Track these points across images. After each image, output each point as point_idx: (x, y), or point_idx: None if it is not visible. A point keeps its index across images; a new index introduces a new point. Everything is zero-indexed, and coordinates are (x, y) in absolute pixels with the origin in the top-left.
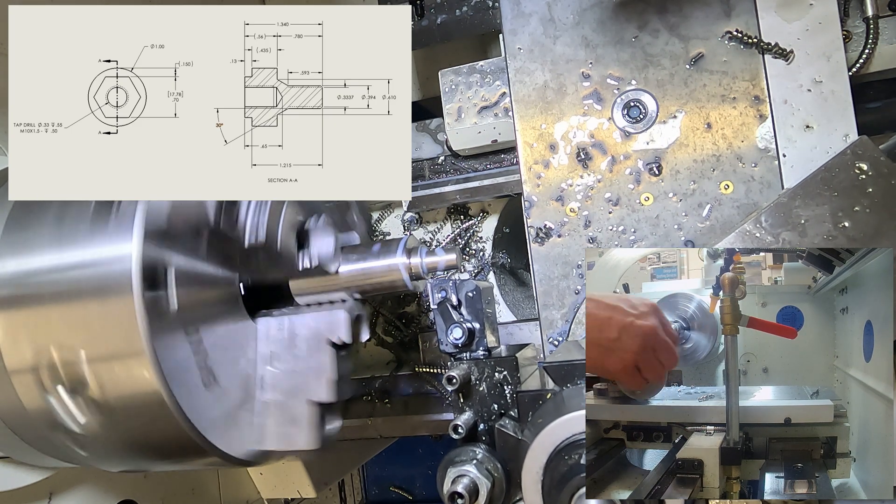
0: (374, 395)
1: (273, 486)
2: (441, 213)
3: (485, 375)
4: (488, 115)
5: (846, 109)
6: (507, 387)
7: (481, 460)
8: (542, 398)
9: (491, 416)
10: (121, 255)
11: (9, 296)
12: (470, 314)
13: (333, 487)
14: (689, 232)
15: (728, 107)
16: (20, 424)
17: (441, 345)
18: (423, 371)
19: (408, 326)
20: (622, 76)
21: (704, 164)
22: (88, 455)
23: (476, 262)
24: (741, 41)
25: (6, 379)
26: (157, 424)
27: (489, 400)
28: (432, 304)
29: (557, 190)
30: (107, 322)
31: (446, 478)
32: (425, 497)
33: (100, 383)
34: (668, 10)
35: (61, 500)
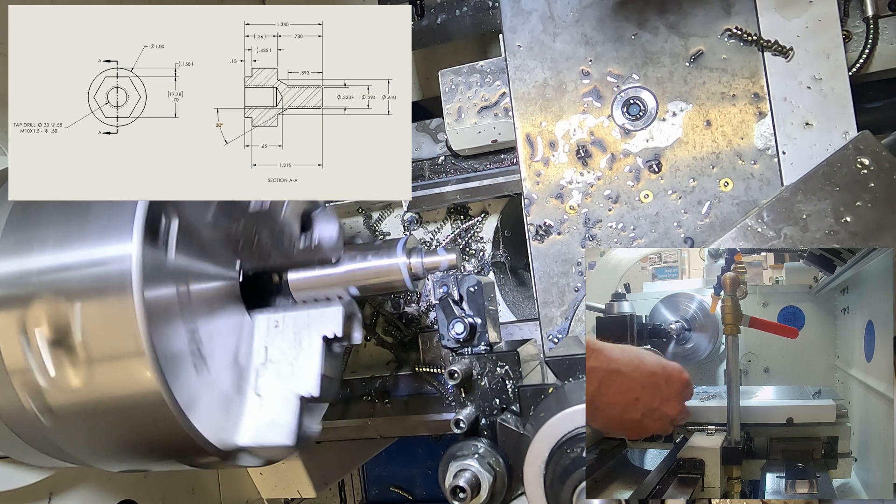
0: (374, 395)
1: (273, 486)
2: (441, 213)
3: (486, 370)
4: (488, 115)
5: (846, 107)
6: (509, 381)
7: (483, 454)
8: (544, 392)
9: (493, 410)
10: (121, 254)
11: (9, 295)
12: (472, 309)
13: (333, 487)
14: (689, 229)
15: (728, 104)
16: (20, 424)
17: (443, 340)
18: (423, 371)
19: (408, 326)
20: (622, 74)
21: (704, 161)
22: (87, 454)
23: (476, 262)
24: (741, 39)
25: (6, 379)
26: (156, 424)
27: (491, 394)
28: (434, 299)
29: (557, 187)
30: (107, 322)
31: (448, 472)
32: (425, 497)
33: (98, 381)
34: (667, 7)
35: (61, 500)
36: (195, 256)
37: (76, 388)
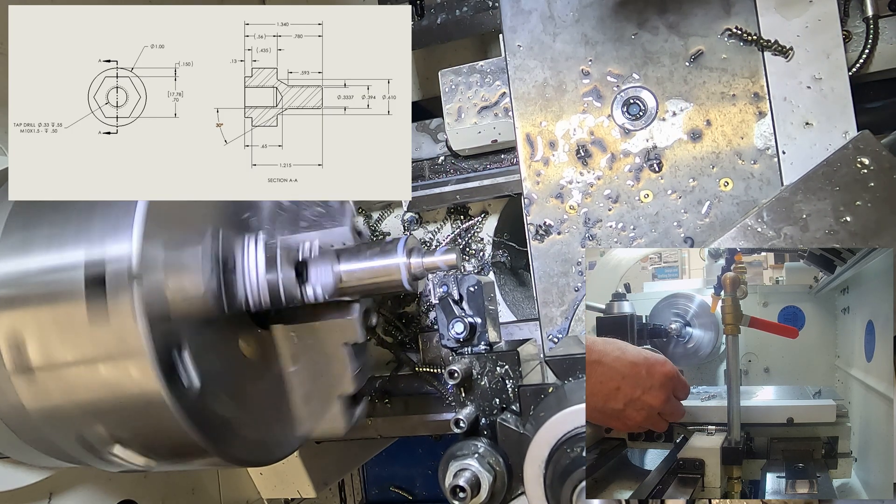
0: (374, 395)
1: (273, 486)
2: (441, 213)
3: (486, 370)
4: (488, 115)
5: (846, 106)
6: (509, 381)
7: (483, 454)
8: (544, 392)
9: (492, 410)
10: (120, 254)
11: (9, 296)
12: (471, 309)
13: (333, 487)
14: (689, 229)
15: (728, 104)
16: (20, 424)
17: (443, 339)
18: (423, 371)
19: (408, 326)
20: (622, 73)
21: (704, 161)
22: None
23: (476, 262)
24: (741, 38)
25: (6, 379)
26: (157, 424)
27: (491, 394)
28: (434, 298)
29: (557, 187)
30: (106, 322)
31: (448, 471)
32: (425, 497)
33: (99, 383)
34: (667, 7)
35: (61, 500)
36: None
37: (77, 389)
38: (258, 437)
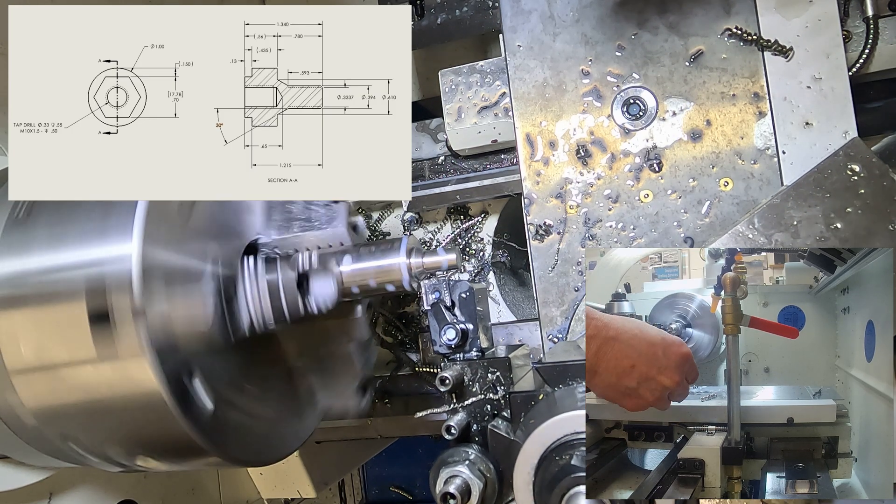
0: (374, 395)
1: (273, 486)
2: (441, 213)
3: (478, 376)
4: (488, 115)
5: (846, 106)
6: (500, 388)
7: (474, 461)
8: (535, 399)
9: (484, 416)
10: (120, 255)
11: (9, 296)
12: (463, 315)
13: (333, 487)
14: (689, 229)
15: (728, 104)
16: (20, 424)
17: (434, 345)
18: (423, 371)
19: (408, 326)
20: (622, 73)
21: (704, 161)
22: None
23: (476, 262)
24: (741, 38)
25: (6, 379)
26: (158, 426)
27: (482, 401)
28: (426, 305)
29: (557, 187)
30: (106, 322)
31: (439, 478)
32: (425, 497)
33: (99, 383)
34: (667, 7)
35: (61, 500)
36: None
37: (77, 389)
38: (260, 436)
